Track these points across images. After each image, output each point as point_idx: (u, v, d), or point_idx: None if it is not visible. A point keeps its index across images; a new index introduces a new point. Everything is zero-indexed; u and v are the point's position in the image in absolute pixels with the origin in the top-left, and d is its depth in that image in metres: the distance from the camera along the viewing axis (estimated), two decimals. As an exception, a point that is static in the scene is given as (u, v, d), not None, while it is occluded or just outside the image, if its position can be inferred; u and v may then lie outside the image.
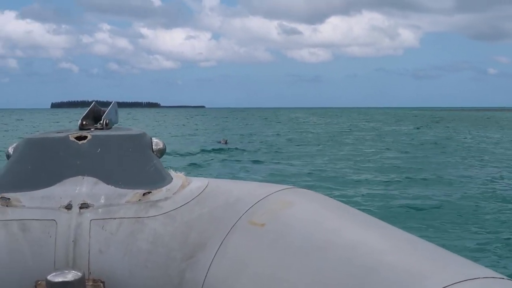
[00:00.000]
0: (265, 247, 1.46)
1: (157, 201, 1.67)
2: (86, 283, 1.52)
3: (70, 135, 1.74)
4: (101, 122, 1.90)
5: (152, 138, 1.86)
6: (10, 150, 1.81)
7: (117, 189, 1.68)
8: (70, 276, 1.47)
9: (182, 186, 1.74)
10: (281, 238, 1.46)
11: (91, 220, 1.61)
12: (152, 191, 1.69)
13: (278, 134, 49.68)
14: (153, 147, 1.84)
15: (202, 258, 1.55)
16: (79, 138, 1.73)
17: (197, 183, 1.78)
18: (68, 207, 1.62)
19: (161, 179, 1.76)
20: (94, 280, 1.57)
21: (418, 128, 60.15)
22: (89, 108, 1.94)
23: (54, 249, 1.57)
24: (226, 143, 37.09)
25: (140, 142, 1.81)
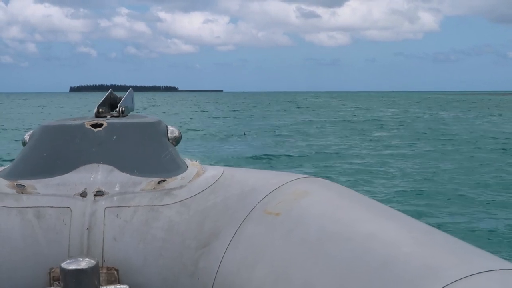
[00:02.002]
0: (279, 237, 1.44)
1: (172, 189, 1.66)
2: (100, 271, 1.51)
3: (86, 123, 1.74)
4: (117, 109, 1.89)
5: (168, 126, 1.85)
6: (26, 137, 1.81)
7: (132, 177, 1.67)
8: (84, 263, 1.45)
9: (197, 175, 1.73)
10: (296, 228, 1.44)
11: (105, 208, 1.60)
12: (167, 179, 1.68)
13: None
14: (169, 135, 1.83)
15: (217, 247, 1.54)
16: (95, 125, 1.73)
17: (212, 171, 1.75)
18: (83, 194, 1.62)
19: (176, 167, 1.74)
20: (108, 268, 1.56)
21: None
22: (105, 96, 1.93)
23: (68, 237, 1.57)
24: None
25: (156, 130, 1.80)
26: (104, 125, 1.74)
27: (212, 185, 1.69)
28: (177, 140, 1.87)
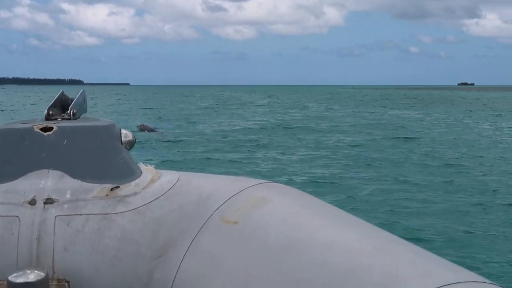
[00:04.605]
0: (237, 245, 1.41)
1: (125, 196, 1.61)
2: (50, 283, 1.47)
3: (35, 126, 1.67)
4: (69, 112, 1.81)
5: (121, 130, 1.79)
6: None
7: (84, 183, 1.62)
8: (32, 276, 1.40)
9: (152, 180, 1.67)
10: (254, 237, 1.41)
11: (56, 216, 1.54)
12: (120, 185, 1.63)
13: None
14: (122, 139, 1.76)
15: (173, 256, 1.50)
16: (45, 129, 1.67)
17: (168, 177, 1.70)
18: (32, 202, 1.55)
19: (130, 173, 1.69)
20: (58, 280, 1.50)
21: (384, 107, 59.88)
22: (56, 97, 1.86)
23: (16, 247, 1.51)
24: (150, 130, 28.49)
25: (109, 133, 1.73)
26: (54, 129, 1.68)
27: (167, 191, 1.65)
28: (131, 144, 1.80)
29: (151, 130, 28.45)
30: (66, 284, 1.51)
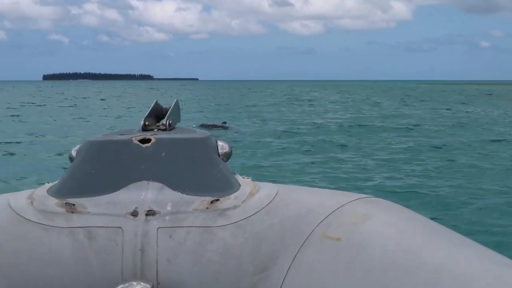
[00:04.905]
0: (341, 264, 1.38)
1: (225, 209, 1.59)
2: None
3: (133, 138, 1.70)
4: (164, 122, 1.85)
5: (218, 141, 1.80)
6: (73, 152, 1.77)
7: (184, 195, 1.61)
8: None
9: (251, 194, 1.65)
10: (359, 255, 1.37)
11: (158, 228, 1.55)
12: (220, 198, 1.62)
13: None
14: (219, 150, 1.78)
15: (275, 273, 1.49)
16: (143, 141, 1.69)
17: (266, 190, 1.68)
18: (134, 213, 1.57)
19: (229, 186, 1.68)
20: None
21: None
22: (151, 107, 1.91)
23: (121, 258, 1.52)
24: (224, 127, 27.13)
25: (206, 145, 1.75)
26: (152, 141, 1.66)
27: (267, 205, 1.59)
28: (227, 156, 1.78)
29: (217, 126, 26.87)
30: None
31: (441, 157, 18.68)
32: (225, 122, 28.25)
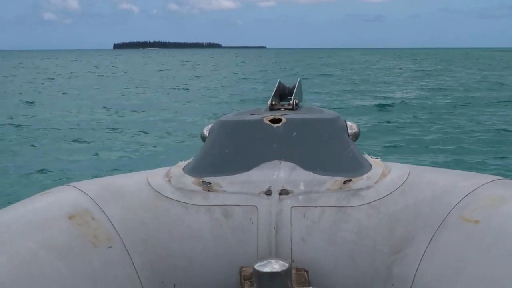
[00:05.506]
0: (481, 247, 1.35)
1: (358, 190, 1.60)
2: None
3: (264, 118, 1.72)
4: (291, 102, 1.86)
5: (347, 122, 1.79)
6: (205, 132, 1.81)
7: (316, 175, 1.63)
8: (277, 266, 1.45)
9: (383, 174, 1.66)
10: (500, 238, 1.34)
11: (291, 207, 1.57)
12: (352, 179, 1.63)
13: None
14: (348, 130, 1.76)
15: (411, 254, 1.48)
16: (273, 121, 1.71)
17: (398, 171, 1.67)
18: (268, 192, 1.60)
19: (360, 166, 1.69)
20: (297, 269, 1.53)
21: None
22: (275, 87, 1.91)
23: (256, 236, 1.56)
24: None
25: (335, 126, 1.75)
26: (283, 121, 1.69)
27: (400, 186, 1.60)
28: (356, 136, 1.78)
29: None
30: (305, 274, 1.53)
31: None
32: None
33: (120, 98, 28.15)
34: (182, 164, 1.78)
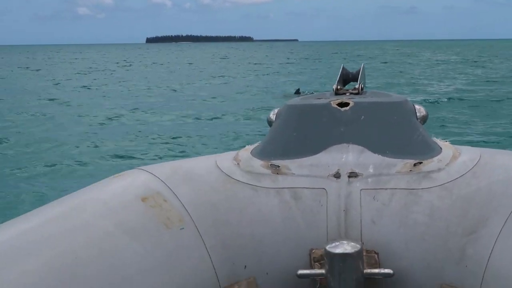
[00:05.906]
0: None
1: (429, 172, 1.59)
2: None
3: (331, 102, 1.73)
4: (357, 86, 1.88)
5: (415, 105, 1.81)
6: (272, 116, 1.84)
7: (385, 158, 1.63)
8: (349, 247, 1.46)
9: (454, 157, 1.64)
10: None
11: (361, 190, 1.58)
12: (423, 161, 1.62)
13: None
14: (417, 114, 1.78)
15: (485, 235, 1.46)
16: (340, 104, 1.72)
17: (469, 154, 1.66)
18: (337, 175, 1.60)
19: (430, 149, 1.69)
20: (367, 251, 1.53)
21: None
22: (339, 72, 1.96)
23: (326, 218, 1.56)
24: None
25: (404, 109, 1.76)
26: (350, 104, 1.70)
27: (472, 168, 1.58)
28: (424, 119, 1.79)
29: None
30: (376, 255, 1.52)
31: None
32: (299, 89, 27.42)
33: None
34: (250, 147, 1.80)
